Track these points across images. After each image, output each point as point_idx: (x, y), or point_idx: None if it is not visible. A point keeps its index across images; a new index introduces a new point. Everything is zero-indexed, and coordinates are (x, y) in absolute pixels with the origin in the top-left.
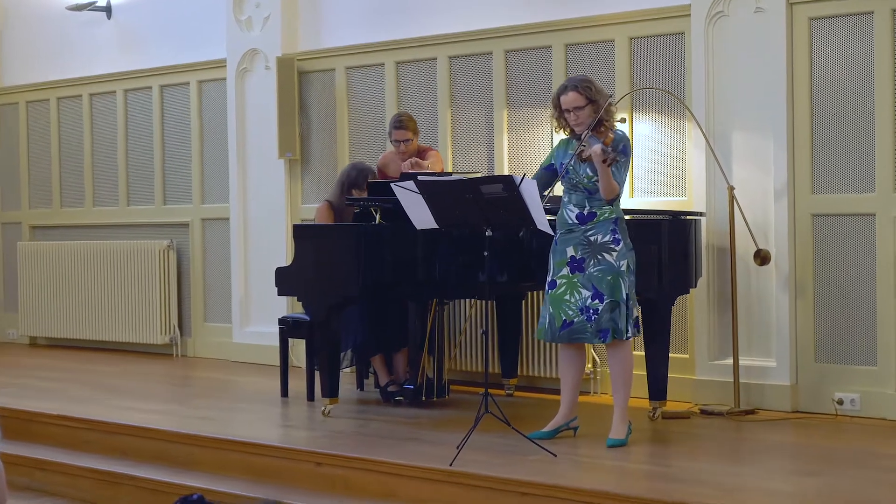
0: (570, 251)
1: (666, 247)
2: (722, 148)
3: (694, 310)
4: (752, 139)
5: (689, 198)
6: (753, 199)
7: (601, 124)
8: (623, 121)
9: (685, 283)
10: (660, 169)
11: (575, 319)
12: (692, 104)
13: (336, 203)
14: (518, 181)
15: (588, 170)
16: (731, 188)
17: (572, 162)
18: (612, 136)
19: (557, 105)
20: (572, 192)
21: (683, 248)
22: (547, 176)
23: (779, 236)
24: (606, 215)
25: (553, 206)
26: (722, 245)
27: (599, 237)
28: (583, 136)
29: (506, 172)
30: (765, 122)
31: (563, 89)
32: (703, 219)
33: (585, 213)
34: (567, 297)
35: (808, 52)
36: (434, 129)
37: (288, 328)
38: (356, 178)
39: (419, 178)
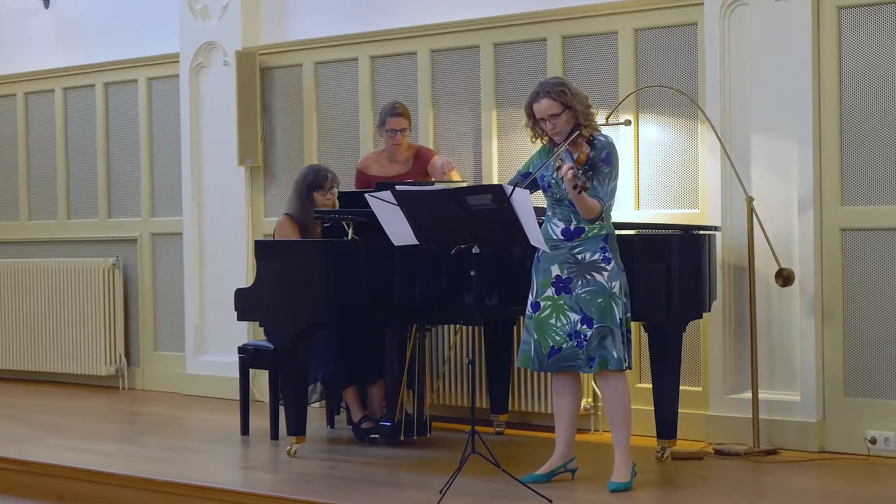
0: (556, 270)
1: (676, 265)
2: (739, 153)
3: (708, 337)
4: (773, 143)
5: (701, 210)
6: (775, 212)
7: (577, 135)
8: (627, 123)
9: (697, 306)
10: (669, 177)
11: (563, 345)
12: (705, 104)
13: (298, 215)
14: (509, 191)
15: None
16: (750, 199)
17: (554, 175)
18: (586, 150)
19: (531, 114)
20: (557, 206)
21: (695, 266)
22: (522, 184)
23: (804, 254)
24: (595, 231)
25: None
26: (739, 263)
27: (588, 255)
28: (557, 149)
29: (495, 181)
30: (788, 123)
31: (535, 96)
32: (717, 234)
33: (572, 228)
34: (553, 320)
35: (836, 45)
36: (414, 132)
37: (249, 357)
38: (314, 179)
39: (397, 187)
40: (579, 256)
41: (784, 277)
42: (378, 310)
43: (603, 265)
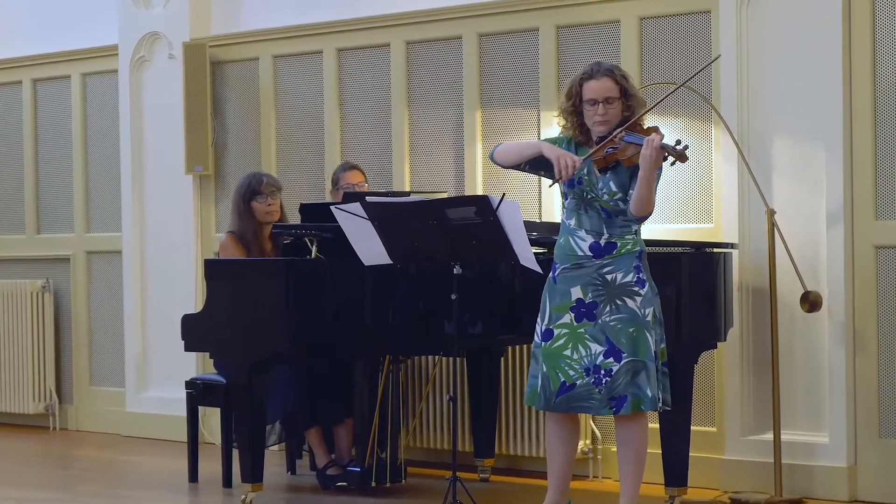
0: (577, 292)
1: (686, 288)
2: (759, 160)
3: (723, 370)
4: (797, 148)
5: (716, 224)
6: (800, 226)
7: (636, 124)
8: None
9: (711, 334)
10: (679, 187)
11: (578, 382)
12: (720, 104)
13: (242, 232)
14: (496, 203)
15: (612, 184)
16: (772, 212)
17: (584, 170)
18: (661, 134)
19: (577, 94)
20: (583, 213)
21: (709, 289)
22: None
23: (833, 274)
24: (629, 247)
25: (542, 236)
26: (759, 286)
27: (619, 276)
28: (614, 135)
29: (479, 191)
30: (814, 125)
31: (593, 73)
32: (734, 252)
33: (602, 242)
34: (568, 352)
35: (870, 38)
36: (387, 135)
37: (198, 393)
38: (249, 187)
39: (367, 199)
40: (609, 277)
41: (810, 302)
42: (346, 339)
43: (636, 289)
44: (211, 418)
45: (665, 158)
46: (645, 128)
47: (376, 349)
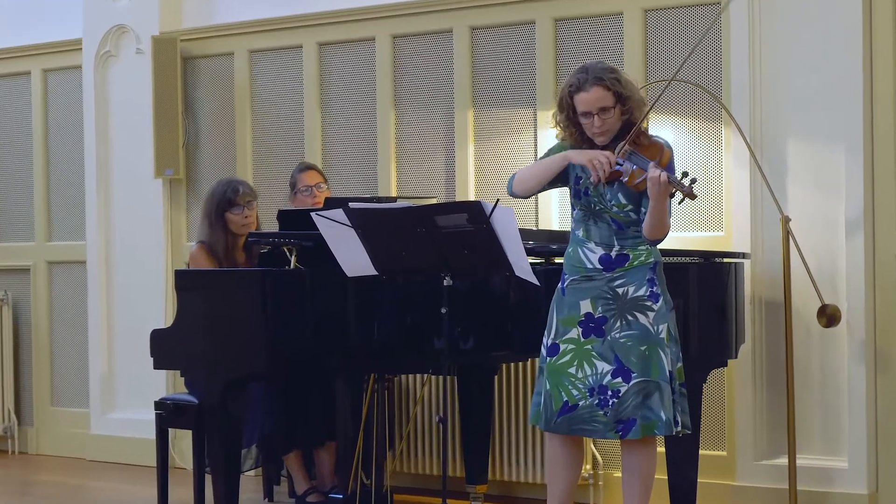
0: (587, 306)
1: (694, 301)
2: (773, 163)
3: (734, 389)
4: (814, 151)
5: (726, 233)
6: (817, 235)
7: (639, 132)
8: None
9: (721, 351)
10: None
11: (580, 402)
12: (731, 103)
13: (212, 242)
14: (489, 209)
15: (620, 195)
16: (786, 219)
17: (591, 181)
18: (668, 151)
19: (570, 106)
20: (592, 224)
21: (719, 303)
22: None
23: (853, 287)
24: (643, 259)
25: (539, 246)
26: (773, 298)
27: (631, 290)
28: (617, 150)
29: (472, 197)
30: (833, 127)
31: (581, 84)
32: (746, 262)
33: (613, 254)
34: (573, 369)
35: (893, 31)
36: (372, 137)
37: (168, 414)
38: (223, 196)
39: (350, 205)
40: (620, 290)
41: (828, 316)
42: (327, 355)
43: (649, 303)
44: (182, 441)
45: (672, 195)
46: (649, 140)
47: (360, 366)
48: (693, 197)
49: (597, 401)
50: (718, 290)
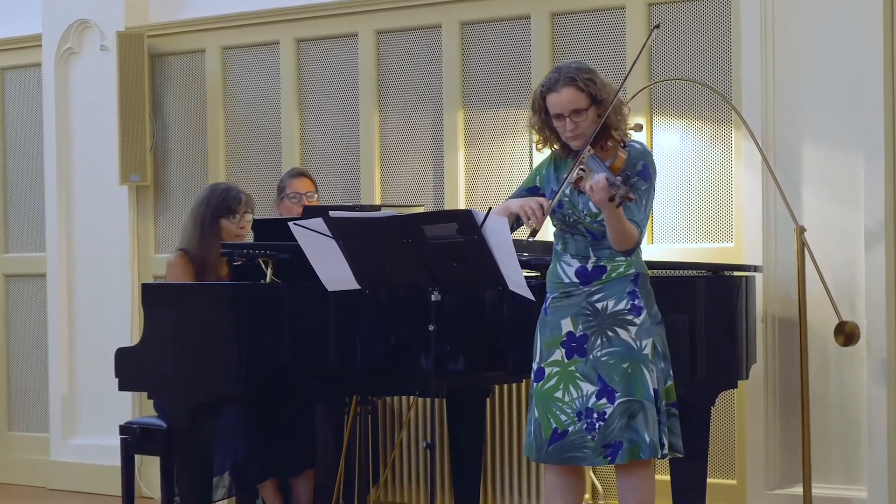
0: (567, 325)
1: (702, 318)
2: (786, 169)
3: (745, 413)
4: (831, 156)
5: (736, 244)
6: (834, 247)
7: (607, 136)
8: (638, 128)
9: (731, 372)
10: (693, 201)
11: (570, 428)
12: (741, 104)
13: (196, 251)
14: (480, 219)
15: (591, 204)
16: (801, 229)
17: (567, 191)
18: (623, 154)
19: (542, 108)
20: (569, 236)
21: (728, 320)
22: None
23: (872, 303)
24: (621, 270)
25: (534, 258)
26: (786, 315)
27: (611, 304)
28: (581, 155)
29: (462, 205)
30: (851, 130)
31: (552, 84)
32: (757, 276)
33: (590, 266)
34: (559, 393)
35: None
36: (354, 140)
37: (134, 440)
38: (221, 201)
39: (331, 213)
40: (599, 305)
41: (846, 334)
42: (306, 376)
43: (630, 317)
44: (149, 468)
45: (612, 198)
46: (612, 146)
47: (342, 388)
48: (629, 199)
49: (584, 425)
50: (728, 305)
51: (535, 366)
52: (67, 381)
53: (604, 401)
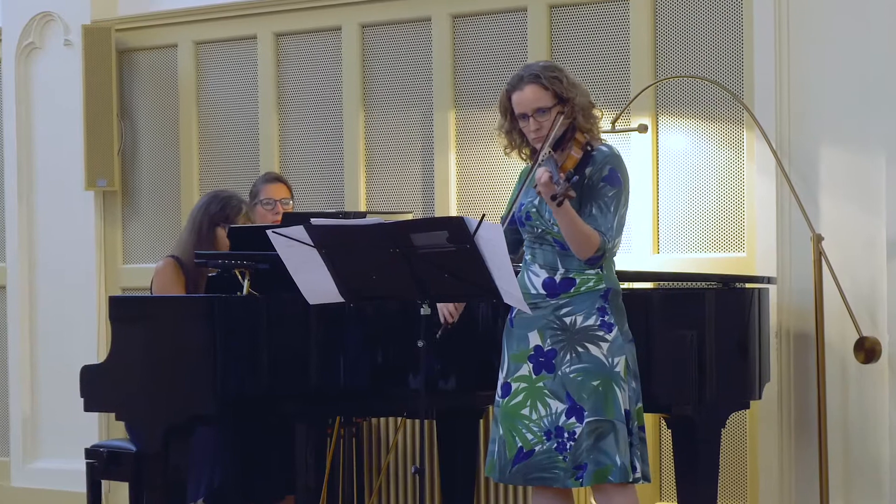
0: (535, 338)
1: (711, 334)
2: (802, 174)
3: (757, 435)
4: (850, 159)
5: (748, 254)
6: (854, 257)
7: (568, 138)
8: (643, 130)
9: (743, 391)
10: (702, 208)
11: (537, 447)
12: (754, 103)
13: (188, 259)
14: (473, 226)
15: None
16: (818, 238)
17: (535, 201)
18: (576, 155)
19: (508, 108)
20: (537, 247)
21: (740, 335)
22: (512, 235)
23: (895, 316)
24: (591, 285)
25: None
26: (802, 330)
27: (580, 319)
28: (538, 157)
29: (453, 212)
30: (872, 131)
31: (518, 82)
32: (771, 288)
33: (557, 279)
34: (526, 410)
35: None
36: (338, 142)
37: (101, 464)
38: (221, 209)
39: (312, 221)
40: (567, 320)
41: (866, 350)
42: (286, 396)
43: (601, 333)
44: (117, 494)
45: (553, 197)
46: (573, 145)
47: (324, 409)
48: (570, 197)
49: (555, 444)
50: (739, 320)
51: (500, 380)
52: (29, 401)
53: (573, 420)
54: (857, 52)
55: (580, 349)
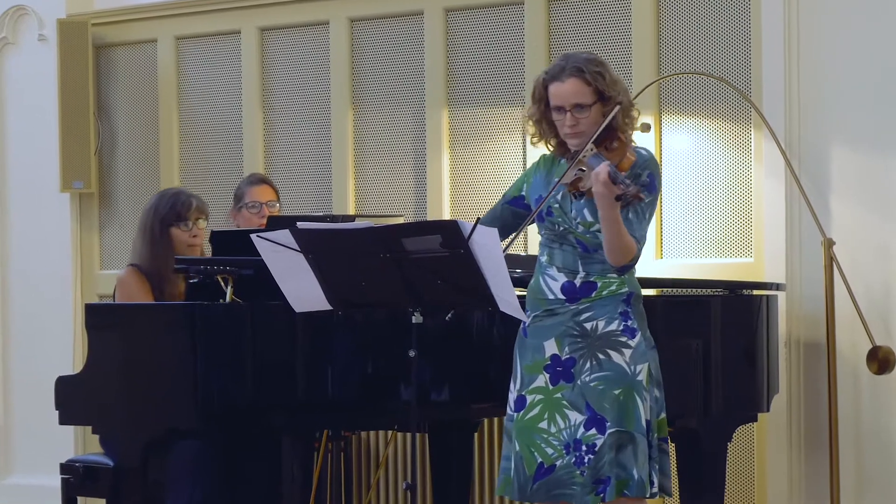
0: (552, 347)
1: (717, 343)
2: (813, 175)
3: (766, 449)
4: (863, 160)
5: (756, 259)
6: (866, 263)
7: (613, 136)
8: (646, 129)
9: (750, 403)
10: (708, 211)
11: (557, 462)
12: (762, 102)
13: (148, 266)
14: (468, 230)
15: (586, 212)
16: (830, 243)
17: (558, 196)
18: (631, 156)
19: (543, 98)
20: (556, 247)
21: (747, 344)
22: (511, 216)
23: None
24: (613, 289)
25: (528, 275)
26: (813, 339)
27: (601, 324)
28: (581, 153)
29: (446, 215)
30: (885, 131)
31: (559, 72)
32: (780, 295)
33: (578, 282)
34: (544, 424)
35: None
36: (325, 142)
37: (77, 479)
38: (170, 208)
39: (299, 224)
40: (588, 326)
41: (880, 360)
42: (271, 409)
43: (623, 339)
44: None
45: (619, 198)
46: (619, 146)
47: (311, 422)
48: (639, 199)
49: (573, 458)
50: (746, 328)
51: (514, 393)
52: (2, 414)
53: (593, 431)
54: (871, 47)
55: (601, 356)
